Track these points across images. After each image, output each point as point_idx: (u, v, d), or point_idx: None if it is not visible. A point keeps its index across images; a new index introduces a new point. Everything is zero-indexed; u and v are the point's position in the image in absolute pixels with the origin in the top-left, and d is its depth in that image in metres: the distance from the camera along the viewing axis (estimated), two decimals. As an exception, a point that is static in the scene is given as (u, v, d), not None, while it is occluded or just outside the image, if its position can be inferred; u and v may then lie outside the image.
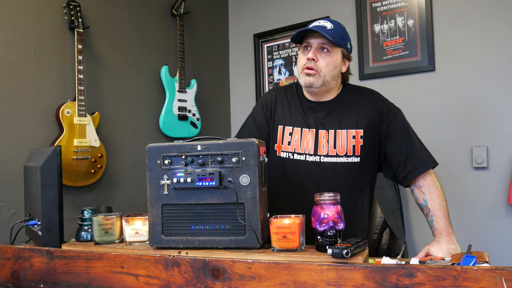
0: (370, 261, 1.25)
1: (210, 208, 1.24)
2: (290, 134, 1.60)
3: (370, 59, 2.67)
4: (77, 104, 2.22)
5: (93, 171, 2.28)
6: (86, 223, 1.46)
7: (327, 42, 1.50)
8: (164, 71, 2.73)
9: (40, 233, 1.42)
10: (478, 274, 0.91)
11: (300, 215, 1.21)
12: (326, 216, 1.16)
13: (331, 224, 1.15)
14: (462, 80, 2.40)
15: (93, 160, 2.27)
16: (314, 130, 1.57)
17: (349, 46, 1.57)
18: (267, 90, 3.12)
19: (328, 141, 1.55)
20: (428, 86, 2.50)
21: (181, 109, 2.77)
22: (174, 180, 1.24)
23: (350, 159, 1.54)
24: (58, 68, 2.26)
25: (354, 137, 1.54)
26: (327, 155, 1.54)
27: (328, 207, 1.17)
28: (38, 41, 2.19)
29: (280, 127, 1.62)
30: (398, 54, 2.58)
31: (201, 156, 1.24)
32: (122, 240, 1.39)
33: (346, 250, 1.04)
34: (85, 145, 2.23)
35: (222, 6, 3.30)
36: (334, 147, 1.54)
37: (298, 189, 1.57)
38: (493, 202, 2.31)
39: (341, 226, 1.17)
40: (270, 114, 1.66)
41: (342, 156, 1.54)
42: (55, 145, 2.10)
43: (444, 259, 1.30)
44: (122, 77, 2.56)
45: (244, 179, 1.21)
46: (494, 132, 2.31)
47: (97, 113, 2.35)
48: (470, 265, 1.08)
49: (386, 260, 1.25)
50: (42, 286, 1.30)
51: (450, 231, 1.44)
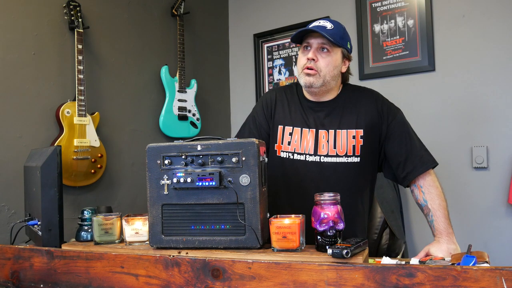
0: (370, 261, 1.25)
1: (210, 208, 1.24)
2: (290, 134, 1.60)
3: (370, 59, 2.67)
4: (77, 104, 2.22)
5: (93, 171, 2.28)
6: (86, 223, 1.46)
7: (327, 42, 1.50)
8: (164, 71, 2.73)
9: (40, 233, 1.42)
10: (478, 274, 0.91)
11: (300, 215, 1.22)
12: (326, 216, 1.16)
13: (331, 224, 1.15)
14: (462, 80, 2.40)
15: (93, 160, 2.27)
16: (314, 130, 1.57)
17: (349, 46, 1.57)
18: (267, 90, 3.12)
19: (328, 141, 1.55)
20: (428, 86, 2.49)
21: (181, 109, 2.77)
22: (174, 180, 1.24)
23: (350, 159, 1.54)
24: (58, 68, 2.26)
25: (354, 137, 1.54)
26: (327, 155, 1.54)
27: (328, 207, 1.17)
28: (38, 41, 2.19)
29: (280, 127, 1.62)
30: (398, 54, 2.58)
31: (201, 156, 1.24)
32: (122, 240, 1.39)
33: (346, 250, 1.04)
34: (85, 145, 2.23)
35: (222, 6, 3.30)
36: (334, 147, 1.54)
37: (298, 189, 1.57)
38: (493, 202, 2.31)
39: (341, 226, 1.17)
40: (270, 114, 1.66)
41: (342, 156, 1.54)
42: (55, 145, 2.10)
43: (444, 259, 1.30)
44: (122, 77, 2.56)
45: (244, 179, 1.21)
46: (494, 132, 2.31)
47: (97, 113, 2.35)
48: (470, 265, 1.08)
49: (386, 260, 1.25)
50: (42, 286, 1.30)
51: (450, 231, 1.44)
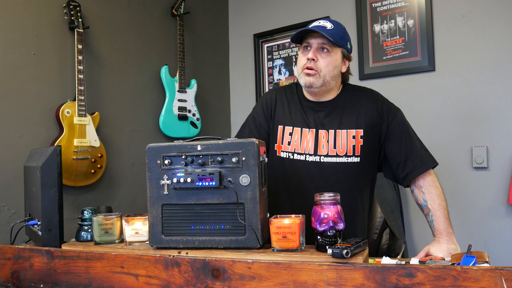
0: (370, 261, 1.25)
1: (210, 208, 1.24)
2: (290, 134, 1.60)
3: (370, 59, 2.67)
4: (77, 104, 2.22)
5: (93, 171, 2.28)
6: (86, 223, 1.46)
7: (327, 42, 1.50)
8: (164, 71, 2.73)
9: (40, 233, 1.42)
10: (478, 274, 0.91)
11: (300, 215, 1.21)
12: (326, 216, 1.16)
13: (331, 224, 1.15)
14: (462, 80, 2.40)
15: (93, 160, 2.27)
16: (314, 130, 1.57)
17: (349, 46, 1.57)
18: (267, 90, 3.12)
19: (328, 141, 1.55)
20: (428, 86, 2.49)
21: (181, 109, 2.77)
22: (174, 180, 1.24)
23: (350, 159, 1.54)
24: (58, 68, 2.26)
25: (354, 137, 1.54)
26: (327, 155, 1.54)
27: (328, 207, 1.17)
28: (38, 41, 2.19)
29: (280, 127, 1.62)
30: (398, 54, 2.58)
31: (201, 156, 1.24)
32: (122, 240, 1.39)
33: (346, 250, 1.04)
34: (85, 145, 2.23)
35: (222, 6, 3.30)
36: (334, 147, 1.54)
37: (298, 189, 1.56)
38: (493, 202, 2.31)
39: (341, 226, 1.17)
40: (270, 114, 1.66)
41: (342, 156, 1.54)
42: (55, 145, 2.10)
43: (444, 259, 1.30)
44: (122, 77, 2.56)
45: (244, 179, 1.21)
46: (494, 132, 2.31)
47: (97, 113, 2.35)
48: (470, 265, 1.08)
49: (386, 260, 1.25)
50: (42, 286, 1.30)
51: (450, 231, 1.44)
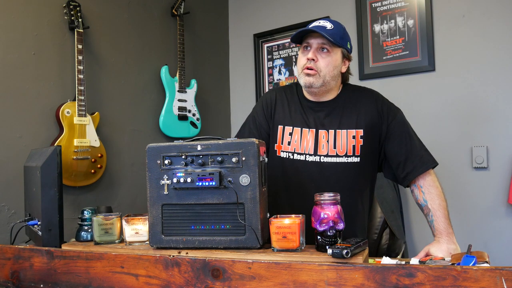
0: (370, 261, 1.25)
1: (210, 208, 1.24)
2: (290, 134, 1.60)
3: (370, 59, 2.67)
4: (77, 104, 2.22)
5: (93, 171, 2.28)
6: (86, 223, 1.46)
7: (327, 42, 1.50)
8: (164, 71, 2.73)
9: (40, 233, 1.42)
10: (478, 274, 0.91)
11: (300, 215, 1.21)
12: (326, 216, 1.16)
13: (331, 224, 1.15)
14: (462, 80, 2.40)
15: (93, 160, 2.27)
16: (314, 130, 1.57)
17: (349, 46, 1.57)
18: (267, 90, 3.12)
19: (328, 141, 1.55)
20: (428, 86, 2.49)
21: (181, 109, 2.77)
22: (174, 180, 1.24)
23: (350, 159, 1.54)
24: (58, 68, 2.26)
25: (354, 137, 1.54)
26: (327, 155, 1.54)
27: (328, 207, 1.17)
28: (38, 41, 2.19)
29: (280, 127, 1.62)
30: (398, 54, 2.58)
31: (201, 156, 1.24)
32: (122, 240, 1.39)
33: (346, 250, 1.04)
34: (85, 145, 2.23)
35: (222, 6, 3.30)
36: (334, 147, 1.54)
37: (298, 189, 1.56)
38: (493, 202, 2.31)
39: (341, 226, 1.17)
40: (270, 114, 1.66)
41: (342, 156, 1.54)
42: (55, 145, 2.10)
43: (444, 259, 1.30)
44: (122, 77, 2.56)
45: (244, 179, 1.21)
46: (494, 132, 2.31)
47: (97, 113, 2.35)
48: (470, 265, 1.08)
49: (386, 260, 1.25)
50: (42, 286, 1.30)
51: (450, 231, 1.44)
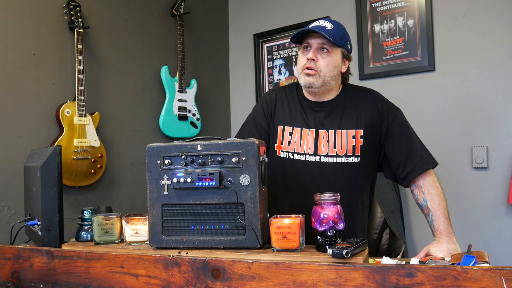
0: (370, 261, 1.25)
1: (210, 208, 1.24)
2: (290, 134, 1.60)
3: (370, 59, 2.67)
4: (77, 104, 2.22)
5: (93, 171, 2.28)
6: (86, 223, 1.46)
7: (327, 42, 1.50)
8: (164, 71, 2.73)
9: (40, 233, 1.42)
10: (478, 274, 0.91)
11: (300, 215, 1.21)
12: (326, 216, 1.16)
13: (331, 224, 1.15)
14: (462, 80, 2.40)
15: (93, 160, 2.27)
16: (314, 130, 1.57)
17: (349, 46, 1.57)
18: (267, 90, 3.12)
19: (328, 141, 1.55)
20: (428, 86, 2.49)
21: (181, 109, 2.77)
22: (174, 180, 1.24)
23: (350, 159, 1.54)
24: (58, 68, 2.26)
25: (354, 137, 1.54)
26: (327, 155, 1.54)
27: (328, 207, 1.17)
28: (38, 41, 2.19)
29: (280, 127, 1.62)
30: (398, 54, 2.58)
31: (201, 156, 1.24)
32: (122, 240, 1.39)
33: (346, 250, 1.04)
34: (85, 145, 2.23)
35: (222, 6, 3.30)
36: (334, 147, 1.54)
37: (298, 189, 1.56)
38: (493, 202, 2.31)
39: (341, 226, 1.17)
40: (270, 114, 1.66)
41: (342, 156, 1.54)
42: (55, 145, 2.10)
43: (444, 259, 1.30)
44: (122, 77, 2.56)
45: (244, 179, 1.21)
46: (494, 132, 2.31)
47: (97, 113, 2.35)
48: (470, 265, 1.08)
49: (386, 260, 1.25)
50: (42, 286, 1.30)
51: (450, 231, 1.44)
